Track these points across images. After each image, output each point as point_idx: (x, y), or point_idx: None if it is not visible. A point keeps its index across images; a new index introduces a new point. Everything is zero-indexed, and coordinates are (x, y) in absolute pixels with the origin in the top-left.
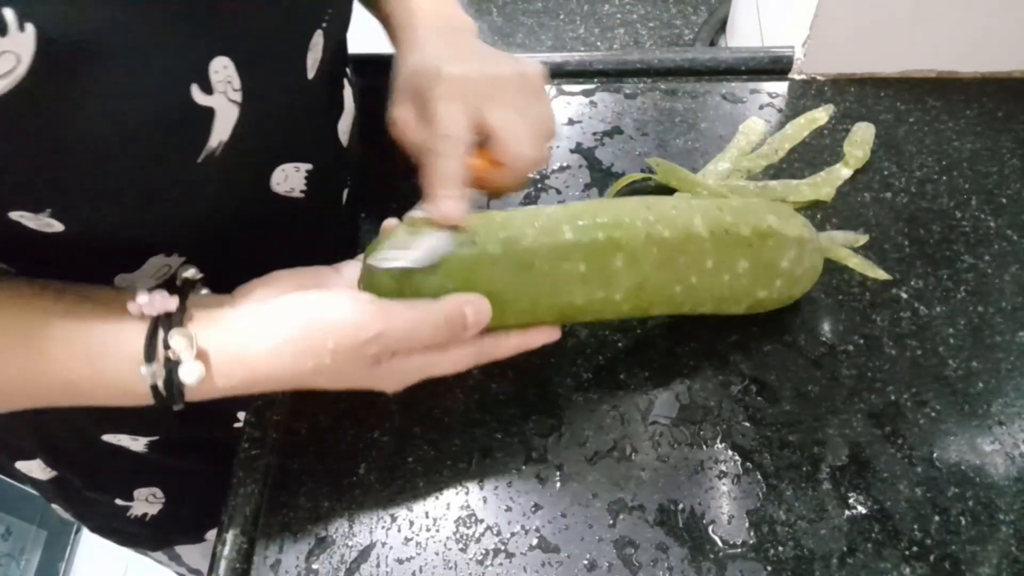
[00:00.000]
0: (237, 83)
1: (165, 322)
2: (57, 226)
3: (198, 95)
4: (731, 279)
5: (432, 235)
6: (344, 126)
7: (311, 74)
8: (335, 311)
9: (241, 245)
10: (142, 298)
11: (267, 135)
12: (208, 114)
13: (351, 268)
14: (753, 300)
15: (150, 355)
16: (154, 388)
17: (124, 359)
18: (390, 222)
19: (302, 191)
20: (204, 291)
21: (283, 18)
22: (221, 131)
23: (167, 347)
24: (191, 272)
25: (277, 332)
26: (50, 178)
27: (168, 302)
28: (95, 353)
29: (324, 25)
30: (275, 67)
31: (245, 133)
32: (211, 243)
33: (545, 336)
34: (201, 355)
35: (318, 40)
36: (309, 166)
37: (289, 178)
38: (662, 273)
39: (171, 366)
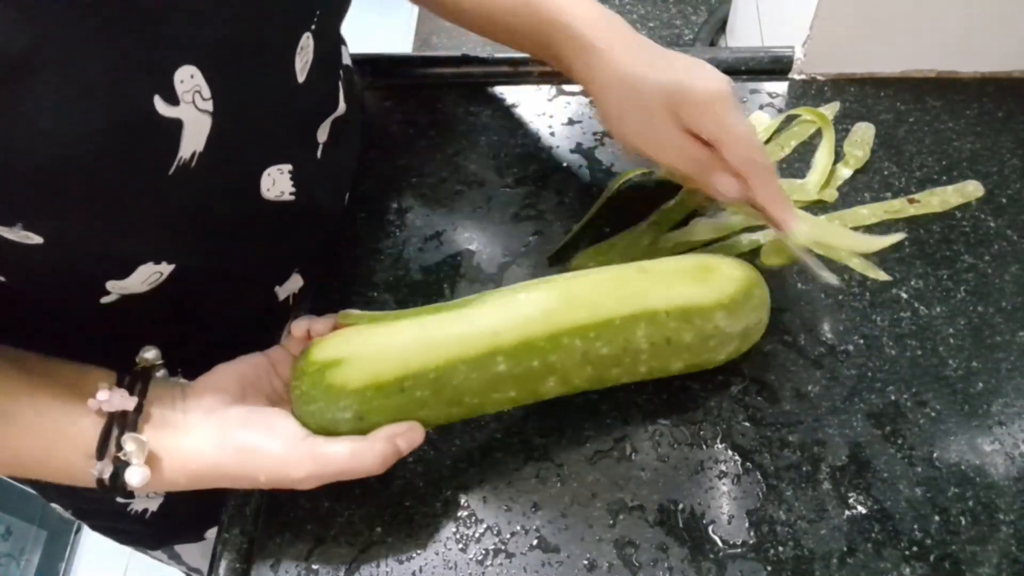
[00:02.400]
0: (207, 92)
1: (120, 421)
2: (36, 238)
3: (162, 107)
4: (666, 378)
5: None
6: (326, 123)
7: (301, 78)
8: (268, 448)
9: (234, 251)
10: (102, 395)
11: (251, 141)
12: (175, 125)
13: (282, 361)
14: (675, 378)
15: (101, 453)
16: (99, 481)
17: (75, 450)
18: (299, 326)
19: (291, 193)
20: (160, 374)
21: (260, 24)
22: (193, 142)
23: (119, 448)
24: (152, 355)
25: (218, 454)
26: (9, 194)
27: (126, 402)
28: (48, 438)
29: (313, 27)
30: (255, 74)
31: (224, 141)
32: (202, 250)
33: None
34: (150, 458)
35: (307, 43)
36: (290, 166)
37: (277, 182)
38: (594, 383)
39: (119, 465)
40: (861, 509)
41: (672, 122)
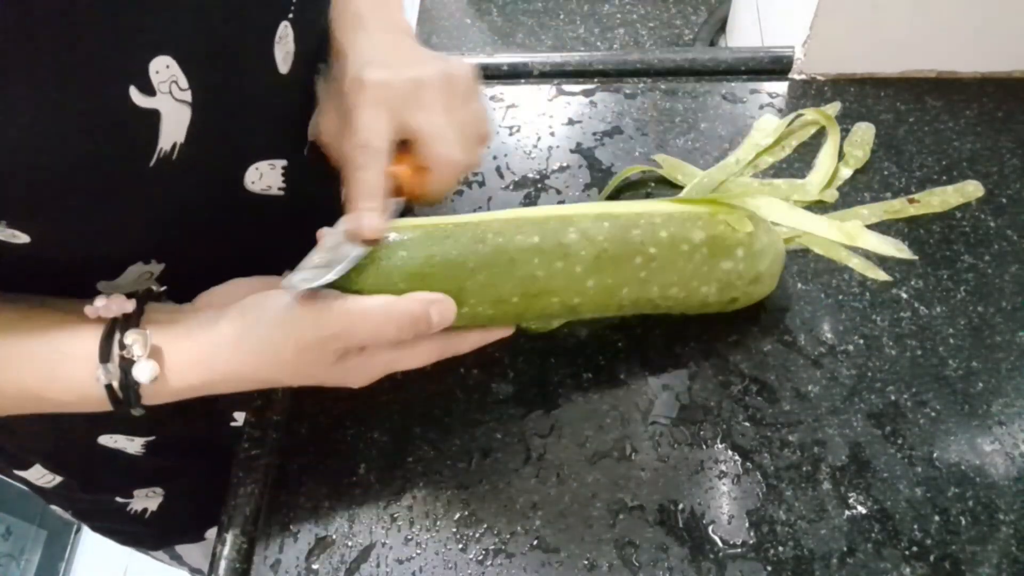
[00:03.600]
0: (184, 83)
1: (122, 324)
2: (23, 237)
3: (138, 97)
4: (690, 249)
5: (353, 248)
6: (313, 119)
7: (284, 68)
8: (297, 308)
9: (224, 248)
10: (99, 301)
11: (234, 134)
12: (153, 116)
13: None
14: (721, 276)
15: (105, 355)
16: (109, 389)
17: (78, 361)
18: (324, 231)
19: (280, 188)
20: (168, 303)
21: (235, 13)
22: (173, 133)
23: (123, 347)
24: (154, 288)
25: (236, 330)
26: None
27: (125, 304)
28: (49, 355)
29: (291, 16)
30: (234, 63)
31: (205, 133)
32: (191, 247)
33: (501, 332)
34: (156, 353)
35: (286, 32)
36: (284, 162)
37: (264, 176)
38: (619, 245)
39: (126, 365)
40: (861, 509)
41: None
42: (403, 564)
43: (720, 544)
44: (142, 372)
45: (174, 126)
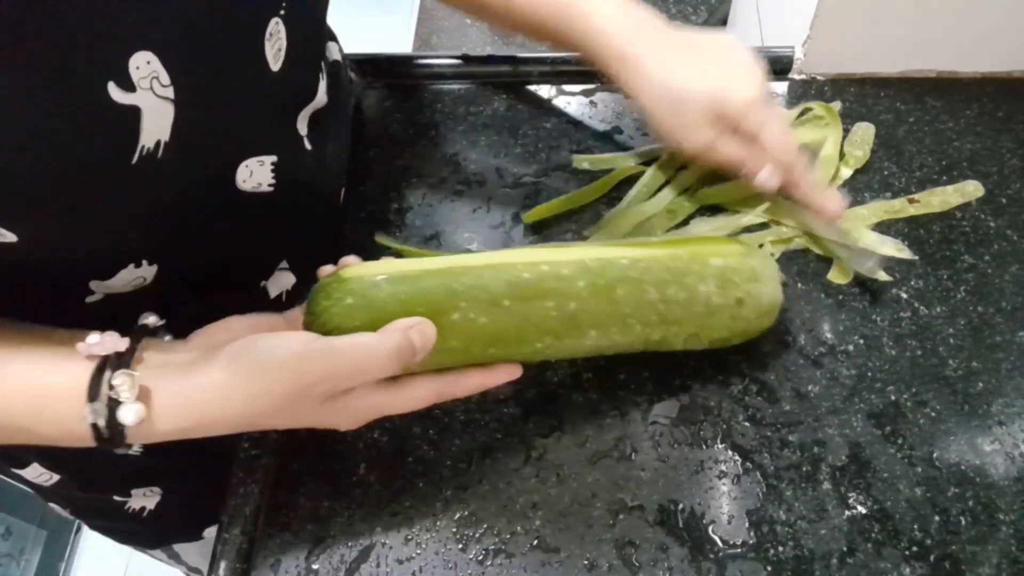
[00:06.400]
0: (165, 79)
1: (113, 362)
2: (9, 236)
3: (117, 94)
4: (682, 246)
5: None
6: (304, 114)
7: (275, 66)
8: (281, 353)
9: (214, 246)
10: (92, 338)
11: (224, 131)
12: (132, 113)
13: (299, 322)
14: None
15: (93, 394)
16: (94, 428)
17: (67, 396)
18: (325, 269)
19: (270, 185)
20: (167, 337)
21: (220, 9)
22: (156, 130)
23: (111, 387)
24: (152, 319)
25: (224, 376)
26: None
27: (118, 343)
28: (38, 388)
29: (282, 12)
30: (220, 60)
31: (192, 130)
32: (183, 246)
33: (506, 375)
34: (145, 396)
35: (277, 29)
36: (274, 158)
37: (255, 173)
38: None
39: (112, 406)
40: (861, 509)
41: (714, 127)
42: (403, 564)
43: (720, 544)
44: (127, 414)
45: (157, 123)
